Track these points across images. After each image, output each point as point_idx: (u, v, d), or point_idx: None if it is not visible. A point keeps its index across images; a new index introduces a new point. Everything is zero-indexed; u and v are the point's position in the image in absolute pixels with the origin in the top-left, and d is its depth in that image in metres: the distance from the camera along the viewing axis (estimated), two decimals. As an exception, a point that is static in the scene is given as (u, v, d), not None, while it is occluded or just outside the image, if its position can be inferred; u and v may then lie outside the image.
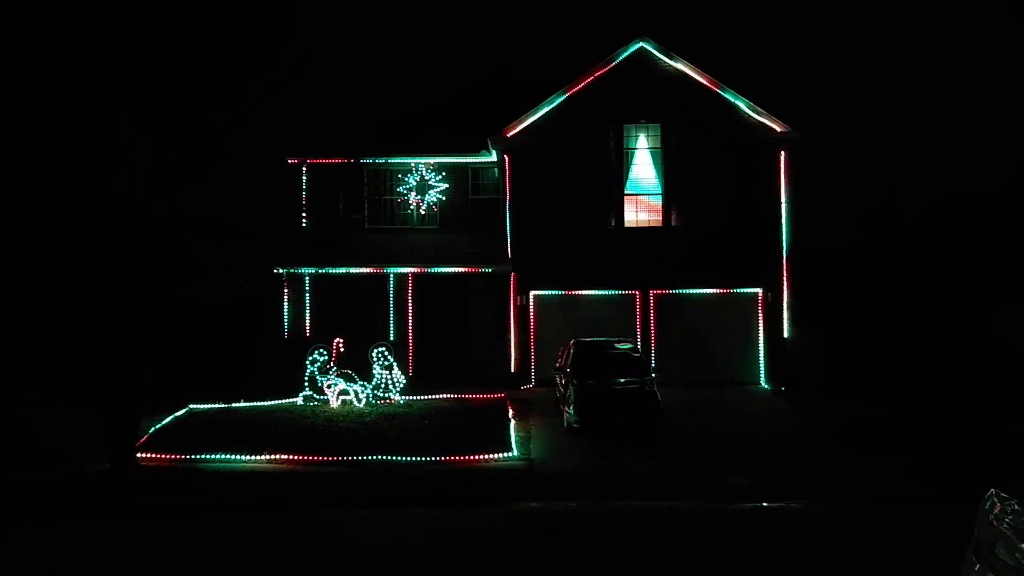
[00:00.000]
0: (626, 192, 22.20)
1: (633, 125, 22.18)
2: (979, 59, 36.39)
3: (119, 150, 13.56)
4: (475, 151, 23.05)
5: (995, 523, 6.07)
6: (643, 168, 22.25)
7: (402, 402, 18.95)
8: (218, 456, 14.68)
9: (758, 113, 21.78)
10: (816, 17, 42.40)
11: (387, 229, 23.63)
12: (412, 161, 23.38)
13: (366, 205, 23.79)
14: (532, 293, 22.15)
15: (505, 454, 14.91)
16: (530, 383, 21.85)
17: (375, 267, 22.21)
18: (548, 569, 9.41)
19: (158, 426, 16.38)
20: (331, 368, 18.89)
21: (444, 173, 23.49)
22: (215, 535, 10.94)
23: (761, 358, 21.99)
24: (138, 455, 14.40)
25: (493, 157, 22.85)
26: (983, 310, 22.54)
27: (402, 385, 19.26)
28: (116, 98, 13.42)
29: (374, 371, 19.03)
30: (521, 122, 21.88)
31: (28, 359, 18.14)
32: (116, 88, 13.39)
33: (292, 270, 21.72)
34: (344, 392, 18.78)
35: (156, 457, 14.74)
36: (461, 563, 9.67)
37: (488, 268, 22.09)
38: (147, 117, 13.64)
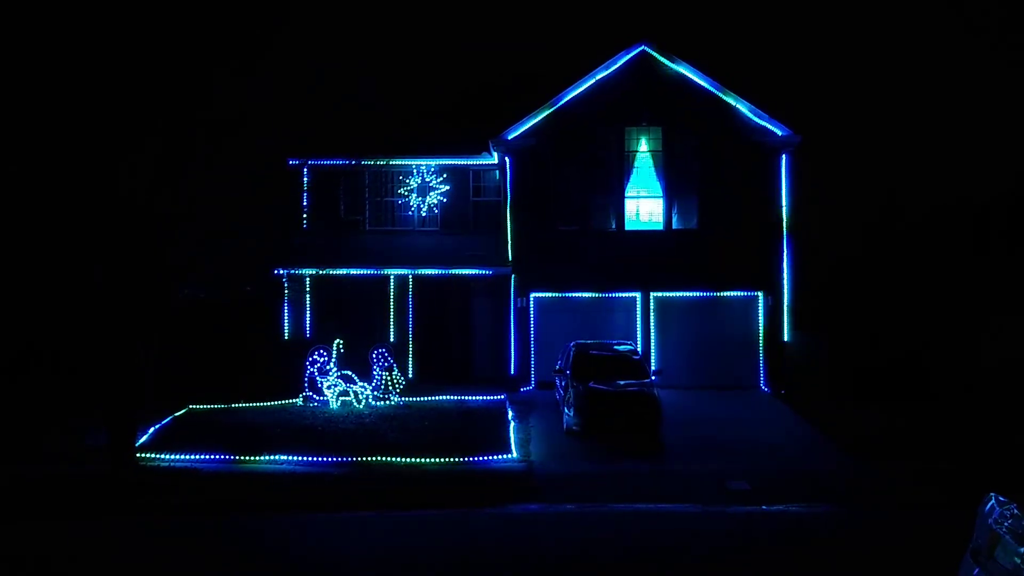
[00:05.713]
0: (627, 195, 22.18)
1: (634, 128, 22.15)
2: (980, 63, 36.38)
3: (121, 149, 13.56)
4: (476, 153, 23.03)
5: (994, 527, 6.05)
6: (644, 171, 22.24)
7: (402, 403, 18.94)
8: (217, 457, 14.65)
9: (760, 117, 21.75)
10: (819, 21, 42.38)
11: (388, 231, 23.59)
12: (413, 163, 23.36)
13: (367, 207, 23.76)
14: (532, 295, 22.12)
15: (505, 456, 14.89)
16: (530, 385, 21.82)
17: (376, 268, 22.19)
18: (547, 572, 9.40)
19: (157, 426, 16.36)
20: (331, 369, 18.87)
21: (445, 175, 23.47)
22: (213, 535, 10.93)
23: (761, 362, 21.93)
24: (137, 455, 14.38)
25: (494, 159, 22.83)
26: (983, 316, 22.50)
27: (402, 386, 19.26)
28: (118, 98, 13.42)
29: (374, 372, 19.02)
30: (522, 124, 21.85)
31: (28, 357, 18.18)
32: (118, 88, 13.39)
33: (292, 271, 21.74)
34: (344, 393, 18.77)
35: (155, 457, 14.72)
36: (461, 564, 9.65)
37: (488, 270, 22.07)
38: (149, 117, 13.64)
